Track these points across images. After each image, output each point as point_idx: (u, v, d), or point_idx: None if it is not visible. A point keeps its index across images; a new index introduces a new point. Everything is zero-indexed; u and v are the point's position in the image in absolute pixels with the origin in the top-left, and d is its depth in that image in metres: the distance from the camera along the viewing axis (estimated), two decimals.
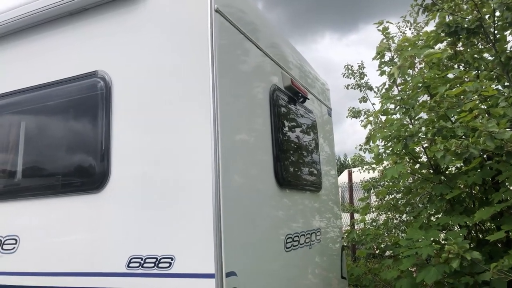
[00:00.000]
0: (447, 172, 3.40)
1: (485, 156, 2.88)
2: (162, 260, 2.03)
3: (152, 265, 2.05)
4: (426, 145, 3.20)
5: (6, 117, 2.72)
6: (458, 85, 2.98)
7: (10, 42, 2.82)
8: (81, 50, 2.55)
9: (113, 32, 2.48)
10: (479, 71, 3.25)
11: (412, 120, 3.39)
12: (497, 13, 2.91)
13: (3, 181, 2.65)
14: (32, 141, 2.62)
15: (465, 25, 2.95)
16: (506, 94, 2.75)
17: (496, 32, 3.01)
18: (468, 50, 3.25)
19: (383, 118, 3.69)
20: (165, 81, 2.28)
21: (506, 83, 2.99)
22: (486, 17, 3.05)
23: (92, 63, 2.47)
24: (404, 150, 3.13)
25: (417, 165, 3.54)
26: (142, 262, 2.08)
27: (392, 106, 3.53)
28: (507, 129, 2.29)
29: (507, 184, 2.67)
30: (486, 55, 3.24)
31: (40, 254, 2.40)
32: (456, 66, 3.44)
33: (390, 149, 3.45)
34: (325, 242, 3.59)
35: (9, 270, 2.45)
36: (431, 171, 3.40)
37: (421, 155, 3.61)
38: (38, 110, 2.61)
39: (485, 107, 2.88)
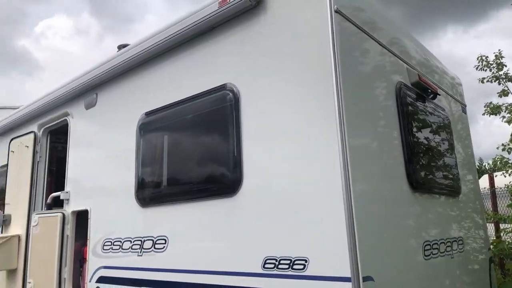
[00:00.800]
0: None
1: None
2: (296, 262, 2.06)
3: (287, 266, 2.09)
4: None
5: (153, 132, 3.09)
6: None
7: (150, 66, 3.23)
8: (211, 65, 2.77)
9: (238, 45, 2.64)
10: None
11: None
12: None
13: (153, 189, 3.00)
14: (174, 152, 2.92)
15: None
16: None
17: None
18: None
19: None
20: (288, 88, 2.33)
21: None
22: None
23: (221, 77, 2.66)
24: None
25: None
26: (276, 263, 2.13)
27: None
28: None
29: None
30: None
31: (185, 253, 2.64)
32: None
33: None
34: (469, 252, 3.21)
35: (160, 267, 2.74)
36: None
37: None
38: (178, 124, 2.91)
39: None
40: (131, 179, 3.10)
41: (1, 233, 4.47)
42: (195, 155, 2.76)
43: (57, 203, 4.00)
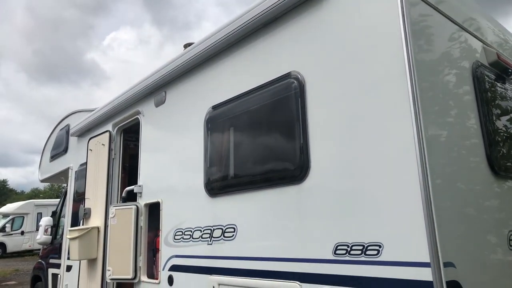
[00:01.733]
0: None
1: None
2: (369, 248, 1.99)
3: (359, 252, 2.03)
4: None
5: (220, 124, 3.17)
6: None
7: (215, 61, 3.32)
8: (274, 55, 2.79)
9: (301, 33, 2.62)
10: None
11: None
12: None
13: (221, 178, 3.07)
14: (240, 141, 2.97)
15: None
16: None
17: None
18: None
19: None
20: (355, 73, 2.27)
21: None
22: None
23: (285, 66, 2.67)
24: None
25: None
26: (348, 249, 2.08)
27: None
28: None
29: None
30: None
31: (254, 240, 2.67)
32: None
33: None
34: None
35: (230, 255, 2.80)
36: None
37: None
38: (244, 115, 2.96)
39: None
40: (200, 169, 3.21)
41: (83, 225, 4.84)
42: (261, 144, 2.78)
43: (130, 198, 4.25)
